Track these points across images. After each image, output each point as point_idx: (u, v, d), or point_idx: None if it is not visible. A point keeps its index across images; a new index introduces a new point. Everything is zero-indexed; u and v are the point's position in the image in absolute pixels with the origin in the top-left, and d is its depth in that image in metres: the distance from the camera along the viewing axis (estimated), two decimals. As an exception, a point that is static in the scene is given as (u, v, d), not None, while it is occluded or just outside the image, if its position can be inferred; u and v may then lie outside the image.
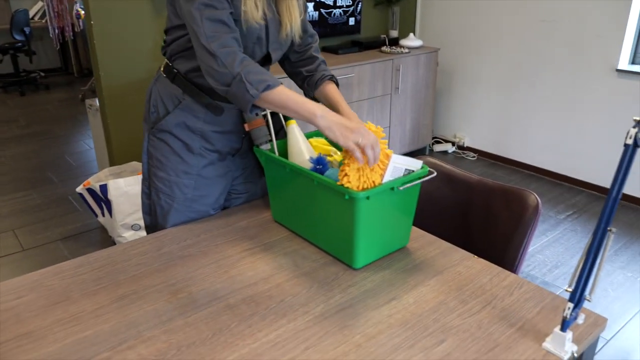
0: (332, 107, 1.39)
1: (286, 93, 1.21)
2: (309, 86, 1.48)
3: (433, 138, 4.36)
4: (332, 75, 1.48)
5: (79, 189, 2.83)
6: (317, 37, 1.53)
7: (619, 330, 2.18)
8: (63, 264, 1.23)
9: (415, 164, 1.20)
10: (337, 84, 1.48)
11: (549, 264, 2.67)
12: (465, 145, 4.22)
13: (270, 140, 1.38)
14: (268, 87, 1.19)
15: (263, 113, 1.37)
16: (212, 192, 1.45)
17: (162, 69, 1.41)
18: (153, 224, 1.47)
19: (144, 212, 1.49)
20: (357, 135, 1.13)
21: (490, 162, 4.04)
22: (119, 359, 0.93)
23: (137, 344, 0.97)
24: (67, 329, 1.01)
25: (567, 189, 3.56)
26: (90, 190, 2.77)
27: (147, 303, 1.09)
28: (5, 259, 2.72)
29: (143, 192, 1.48)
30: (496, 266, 1.22)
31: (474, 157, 4.12)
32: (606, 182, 3.42)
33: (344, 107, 1.39)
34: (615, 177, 0.87)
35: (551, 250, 2.80)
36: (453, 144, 4.27)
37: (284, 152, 1.40)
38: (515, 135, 3.87)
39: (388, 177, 1.16)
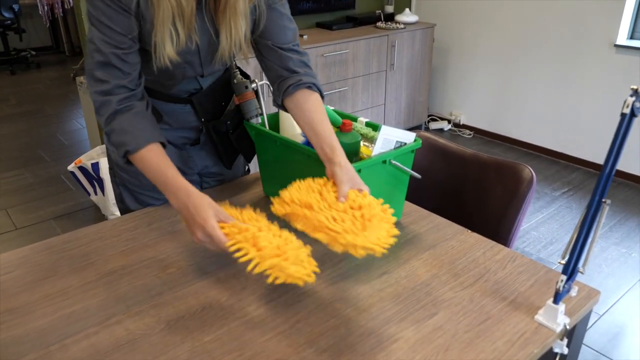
0: (314, 139, 1.11)
1: (147, 162, 1.06)
2: (278, 91, 1.20)
3: (429, 116, 4.33)
4: (313, 84, 1.17)
5: (71, 167, 2.80)
6: (294, 32, 1.22)
7: (612, 305, 2.19)
8: (51, 240, 1.21)
9: (407, 137, 1.18)
10: (322, 95, 1.19)
11: (544, 241, 2.67)
12: (461, 123, 4.19)
13: (261, 114, 1.35)
14: (127, 153, 1.07)
15: (252, 86, 1.34)
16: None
17: None
18: (127, 211, 1.39)
19: (116, 200, 1.41)
20: (198, 235, 0.96)
21: (486, 139, 4.01)
22: (106, 333, 0.92)
23: (125, 318, 0.96)
24: (54, 304, 1.00)
25: (563, 166, 3.55)
26: (82, 169, 2.75)
27: (135, 278, 1.07)
28: (-3, 238, 2.71)
29: (112, 179, 1.40)
30: (489, 240, 1.21)
31: (470, 134, 4.10)
32: (603, 159, 3.41)
33: (338, 153, 1.06)
34: (611, 147, 0.85)
35: (546, 227, 2.80)
36: (449, 121, 4.24)
37: (275, 126, 1.38)
38: (511, 112, 3.84)
39: (378, 149, 1.14)
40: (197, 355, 0.87)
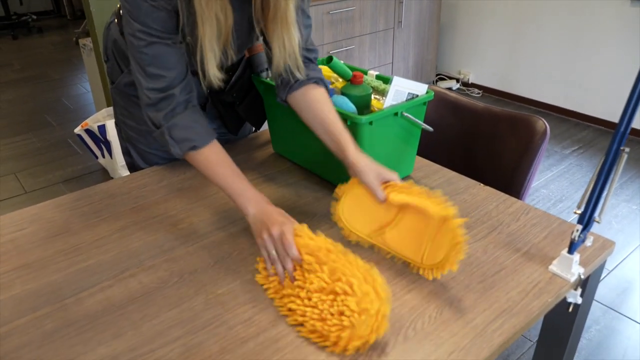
0: (328, 134, 1.07)
1: (212, 160, 1.03)
2: (282, 86, 1.14)
3: (437, 75, 4.26)
4: (320, 79, 1.12)
5: (77, 130, 2.79)
6: (309, 31, 1.16)
7: (621, 261, 2.19)
8: (62, 198, 1.21)
9: (419, 88, 1.15)
10: (328, 90, 1.14)
11: (553, 198, 2.66)
12: (470, 82, 4.12)
13: (270, 68, 1.32)
14: (193, 148, 1.03)
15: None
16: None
17: (116, 12, 1.22)
18: (134, 166, 1.39)
19: (123, 153, 1.41)
20: (274, 230, 0.91)
21: (495, 98, 3.95)
22: (121, 287, 0.93)
23: (139, 272, 0.96)
24: (68, 259, 1.00)
25: (573, 124, 3.50)
26: (89, 132, 2.74)
27: (147, 234, 1.08)
28: (8, 202, 2.72)
29: (118, 134, 1.39)
30: (502, 193, 1.20)
31: (479, 93, 4.04)
32: (615, 116, 3.35)
33: (348, 142, 1.03)
34: (631, 93, 0.83)
35: (556, 184, 2.78)
36: (457, 80, 4.17)
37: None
38: (521, 70, 3.76)
39: (390, 101, 1.11)
40: (211, 307, 0.88)
